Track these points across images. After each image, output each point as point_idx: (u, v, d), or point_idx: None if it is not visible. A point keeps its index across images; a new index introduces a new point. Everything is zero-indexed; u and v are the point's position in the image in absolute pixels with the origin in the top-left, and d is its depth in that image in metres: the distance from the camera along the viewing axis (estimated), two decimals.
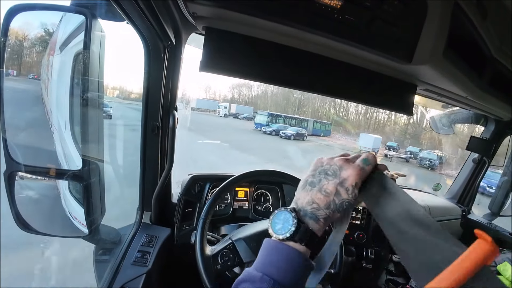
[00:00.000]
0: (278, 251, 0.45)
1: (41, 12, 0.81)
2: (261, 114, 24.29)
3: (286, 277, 0.42)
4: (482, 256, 0.32)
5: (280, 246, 0.45)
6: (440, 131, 2.00)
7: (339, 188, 0.47)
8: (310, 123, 26.09)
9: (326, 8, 0.69)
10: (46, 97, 1.08)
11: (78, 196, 0.87)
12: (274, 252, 0.45)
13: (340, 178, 0.48)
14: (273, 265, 0.44)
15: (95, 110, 0.81)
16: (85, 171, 0.78)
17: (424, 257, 0.38)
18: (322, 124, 28.06)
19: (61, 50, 0.98)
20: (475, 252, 0.32)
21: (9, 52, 0.76)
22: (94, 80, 0.77)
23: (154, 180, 1.08)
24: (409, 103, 1.06)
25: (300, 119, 26.40)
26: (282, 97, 39.15)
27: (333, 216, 0.48)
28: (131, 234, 1.05)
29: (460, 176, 2.08)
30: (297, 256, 0.44)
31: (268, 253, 0.46)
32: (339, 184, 0.47)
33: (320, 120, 29.08)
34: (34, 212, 0.89)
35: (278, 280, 0.42)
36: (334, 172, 0.49)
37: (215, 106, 30.27)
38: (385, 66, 0.91)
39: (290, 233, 0.45)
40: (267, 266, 0.44)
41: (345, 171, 0.48)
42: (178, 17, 0.82)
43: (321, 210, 0.47)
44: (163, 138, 1.04)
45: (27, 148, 0.87)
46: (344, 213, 0.49)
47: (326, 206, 0.47)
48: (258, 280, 0.41)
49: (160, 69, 0.95)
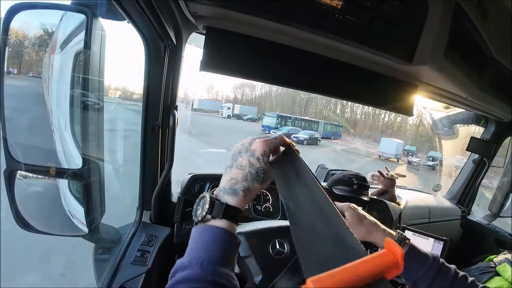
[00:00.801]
0: (202, 232, 0.47)
1: (42, 11, 0.81)
2: (269, 115, 22.60)
3: (214, 255, 0.44)
4: (382, 267, 0.29)
5: (203, 227, 0.48)
6: (440, 132, 2.00)
7: (251, 159, 0.52)
8: (321, 125, 24.50)
9: (326, 8, 0.69)
10: (47, 96, 1.08)
11: (78, 195, 0.87)
12: (198, 235, 0.47)
13: (251, 151, 0.53)
14: (200, 247, 0.45)
15: (95, 110, 0.81)
16: (85, 170, 0.78)
17: (318, 248, 0.36)
18: (332, 126, 26.43)
19: (61, 49, 0.98)
20: (377, 260, 0.29)
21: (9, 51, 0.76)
22: (95, 80, 0.77)
23: (154, 180, 1.08)
24: (409, 103, 1.06)
25: (311, 120, 24.99)
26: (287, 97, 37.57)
27: (254, 187, 0.52)
28: (131, 233, 1.05)
29: (460, 176, 2.08)
30: (220, 232, 0.46)
31: (194, 238, 0.47)
32: (251, 156, 0.52)
33: (330, 122, 27.47)
34: (34, 211, 0.89)
35: (207, 259, 0.43)
36: (246, 148, 0.54)
37: (218, 107, 29.27)
38: (386, 66, 0.91)
39: (205, 211, 0.48)
40: (195, 250, 0.45)
41: (254, 144, 0.53)
42: (179, 17, 0.82)
43: (238, 183, 0.51)
44: (163, 137, 1.04)
45: (27, 147, 0.87)
46: (263, 182, 0.53)
47: (243, 178, 0.51)
48: (187, 265, 0.43)
49: (160, 68, 0.94)
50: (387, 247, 0.30)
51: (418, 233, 1.34)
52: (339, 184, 1.47)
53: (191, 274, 0.42)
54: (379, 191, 1.60)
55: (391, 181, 1.59)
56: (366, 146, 24.48)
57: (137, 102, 7.08)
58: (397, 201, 1.60)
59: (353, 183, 1.45)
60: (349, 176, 1.47)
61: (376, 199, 1.46)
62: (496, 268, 1.35)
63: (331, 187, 1.48)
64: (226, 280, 0.44)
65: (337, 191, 1.44)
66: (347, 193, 1.44)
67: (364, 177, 1.51)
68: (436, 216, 1.79)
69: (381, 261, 0.29)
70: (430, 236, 1.33)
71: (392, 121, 32.63)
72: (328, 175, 1.76)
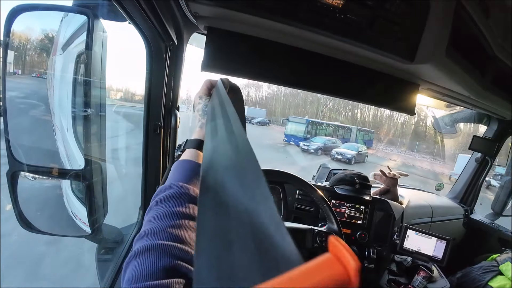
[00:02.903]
0: (178, 165, 0.56)
1: (44, 12, 0.81)
2: (295, 121, 16.78)
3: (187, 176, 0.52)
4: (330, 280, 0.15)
5: (180, 161, 0.57)
6: (442, 131, 2.00)
7: (197, 107, 0.64)
8: (353, 132, 19.35)
9: (328, 7, 0.69)
10: (50, 97, 1.09)
11: (81, 196, 0.87)
12: (175, 167, 0.55)
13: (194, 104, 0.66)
14: (177, 174, 0.53)
15: (97, 111, 0.81)
16: (88, 170, 0.79)
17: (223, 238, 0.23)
18: (365, 132, 20.96)
19: (63, 50, 0.98)
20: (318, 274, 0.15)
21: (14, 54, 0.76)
22: (96, 81, 0.77)
23: (156, 179, 1.09)
24: (411, 102, 1.06)
25: (344, 127, 19.52)
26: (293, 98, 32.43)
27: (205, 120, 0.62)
28: (133, 233, 1.05)
29: (463, 176, 2.07)
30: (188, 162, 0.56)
31: (172, 170, 0.56)
32: (195, 106, 0.65)
33: (362, 128, 22.18)
34: (37, 212, 0.89)
35: (183, 181, 0.50)
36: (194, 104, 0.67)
37: None
38: (387, 65, 0.90)
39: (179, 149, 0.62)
40: (173, 177, 0.53)
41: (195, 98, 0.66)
42: (180, 17, 0.82)
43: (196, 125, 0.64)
44: (165, 137, 1.04)
45: (30, 148, 0.87)
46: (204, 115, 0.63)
47: (197, 120, 0.65)
48: (168, 186, 0.49)
49: (162, 68, 0.95)
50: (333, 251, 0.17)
51: (421, 233, 1.34)
52: (341, 184, 1.47)
53: (173, 192, 0.48)
54: (381, 191, 1.60)
55: (393, 180, 1.58)
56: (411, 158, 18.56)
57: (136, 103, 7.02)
58: (400, 200, 1.60)
59: (355, 182, 1.45)
60: (351, 176, 1.47)
61: (378, 199, 1.46)
62: (499, 267, 1.34)
63: (333, 186, 1.47)
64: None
65: (339, 190, 1.44)
66: (349, 192, 1.44)
67: (366, 176, 1.51)
68: (438, 215, 1.79)
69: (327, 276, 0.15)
70: (433, 235, 1.32)
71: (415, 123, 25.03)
72: (330, 174, 1.75)
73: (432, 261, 1.33)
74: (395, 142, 24.49)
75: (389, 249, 1.42)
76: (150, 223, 0.44)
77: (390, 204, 1.44)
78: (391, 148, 22.73)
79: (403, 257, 1.47)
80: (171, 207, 0.45)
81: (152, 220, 0.44)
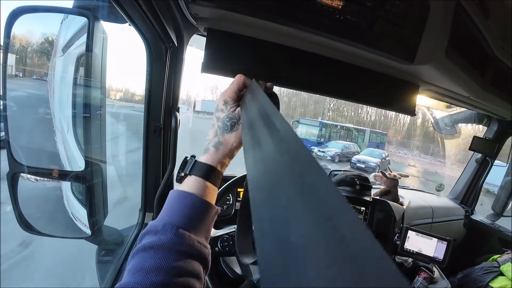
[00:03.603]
0: (177, 198, 0.47)
1: (44, 14, 0.82)
2: (306, 123, 15.18)
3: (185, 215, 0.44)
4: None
5: (182, 193, 0.47)
6: (442, 131, 2.00)
7: (217, 114, 0.53)
8: (367, 135, 18.14)
9: (327, 8, 0.69)
10: (51, 98, 1.09)
11: (81, 197, 0.87)
12: (174, 201, 0.47)
13: (216, 107, 0.54)
14: (175, 213, 0.45)
15: (98, 112, 0.81)
16: (88, 172, 0.79)
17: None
18: (377, 135, 19.58)
19: (63, 52, 0.98)
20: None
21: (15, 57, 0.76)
22: (97, 82, 0.77)
23: (156, 181, 1.09)
24: (411, 103, 1.06)
25: (357, 129, 18.28)
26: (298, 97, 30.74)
27: (225, 138, 0.52)
28: (134, 235, 1.05)
29: (463, 176, 2.07)
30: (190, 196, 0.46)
31: (169, 203, 0.47)
32: (216, 111, 0.53)
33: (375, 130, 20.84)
34: (37, 213, 0.89)
35: (180, 225, 0.43)
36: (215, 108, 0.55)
37: None
38: (387, 66, 0.90)
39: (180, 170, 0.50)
40: (169, 214, 0.45)
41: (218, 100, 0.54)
42: (180, 19, 0.82)
43: (210, 141, 0.52)
44: (165, 139, 1.04)
45: (30, 150, 0.87)
46: (233, 129, 0.52)
47: (214, 135, 0.52)
48: (161, 229, 0.42)
49: (162, 70, 0.95)
50: None
51: (422, 234, 1.33)
52: (342, 185, 1.47)
53: (164, 240, 0.41)
54: (381, 191, 1.60)
55: (393, 181, 1.58)
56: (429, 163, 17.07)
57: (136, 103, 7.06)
58: (400, 201, 1.60)
59: (356, 183, 1.44)
60: (351, 177, 1.47)
61: (379, 200, 1.46)
62: (500, 268, 1.34)
63: None
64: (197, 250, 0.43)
65: (340, 191, 1.43)
66: (349, 193, 1.43)
67: (366, 177, 1.50)
68: (439, 216, 1.78)
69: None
70: (434, 236, 1.32)
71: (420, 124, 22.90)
72: (330, 175, 1.75)
73: (433, 262, 1.33)
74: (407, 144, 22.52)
75: (390, 250, 1.42)
76: (134, 275, 0.39)
77: (391, 205, 1.44)
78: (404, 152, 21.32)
79: (404, 258, 1.47)
80: (160, 260, 0.39)
81: (136, 272, 0.39)
